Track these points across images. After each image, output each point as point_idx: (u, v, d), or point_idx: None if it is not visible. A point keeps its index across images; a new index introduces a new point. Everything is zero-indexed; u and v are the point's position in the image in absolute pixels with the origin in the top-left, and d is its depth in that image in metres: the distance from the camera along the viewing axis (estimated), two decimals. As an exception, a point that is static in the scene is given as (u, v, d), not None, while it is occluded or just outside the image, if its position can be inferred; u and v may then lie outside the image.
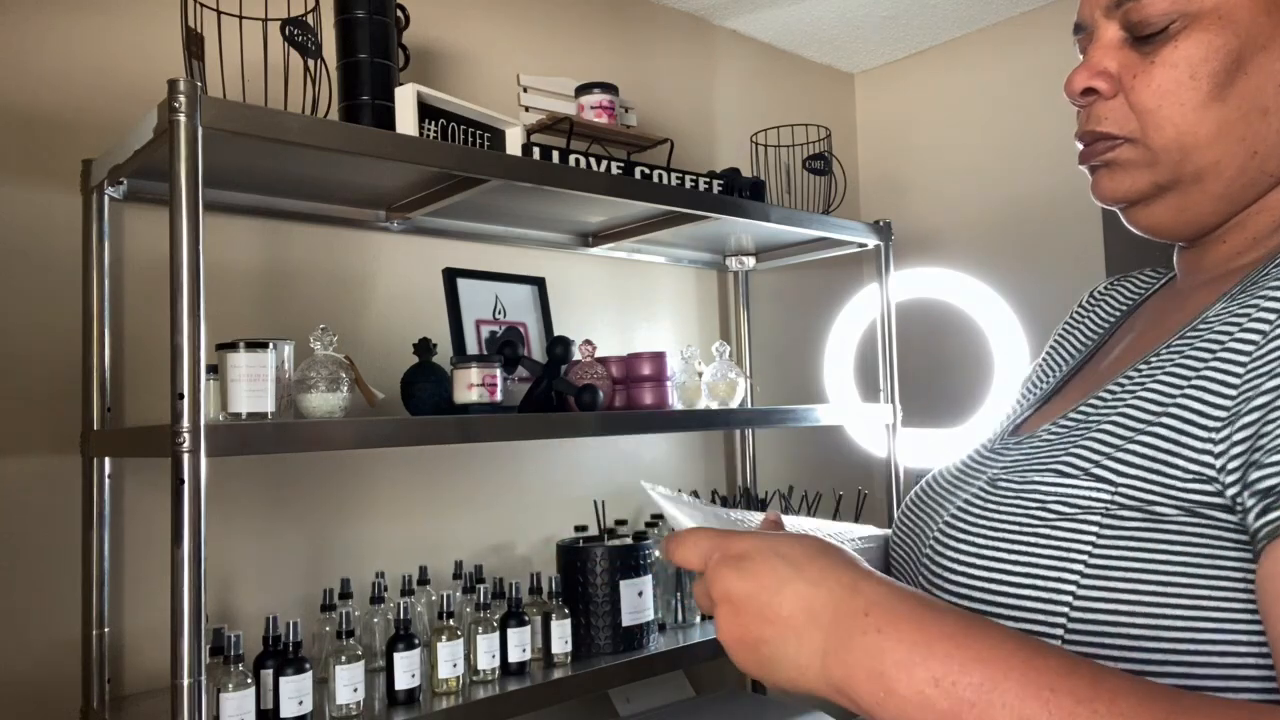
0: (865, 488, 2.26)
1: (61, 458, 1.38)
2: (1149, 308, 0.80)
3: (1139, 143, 0.66)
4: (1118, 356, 0.74)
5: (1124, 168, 0.68)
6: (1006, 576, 0.61)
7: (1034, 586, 0.60)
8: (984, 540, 0.64)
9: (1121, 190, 0.68)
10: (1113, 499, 0.58)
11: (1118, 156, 0.67)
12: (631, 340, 2.08)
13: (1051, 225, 2.26)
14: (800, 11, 2.29)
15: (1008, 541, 0.62)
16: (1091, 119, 0.69)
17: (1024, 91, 2.34)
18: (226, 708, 1.17)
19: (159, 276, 1.44)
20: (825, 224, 1.93)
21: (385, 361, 1.64)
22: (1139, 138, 0.66)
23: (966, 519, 0.66)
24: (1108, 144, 0.68)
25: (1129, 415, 0.60)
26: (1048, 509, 0.61)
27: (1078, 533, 0.59)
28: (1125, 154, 0.67)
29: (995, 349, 2.13)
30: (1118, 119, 0.67)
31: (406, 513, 1.70)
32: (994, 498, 0.65)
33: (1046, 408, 0.79)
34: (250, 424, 1.18)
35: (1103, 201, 0.71)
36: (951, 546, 0.65)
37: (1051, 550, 0.60)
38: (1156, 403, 0.59)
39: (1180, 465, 0.56)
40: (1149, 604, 0.56)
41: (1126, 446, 0.59)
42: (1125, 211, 0.71)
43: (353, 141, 1.26)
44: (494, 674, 1.43)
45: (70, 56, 1.42)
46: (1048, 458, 0.64)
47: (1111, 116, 0.67)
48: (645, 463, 2.08)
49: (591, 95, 1.76)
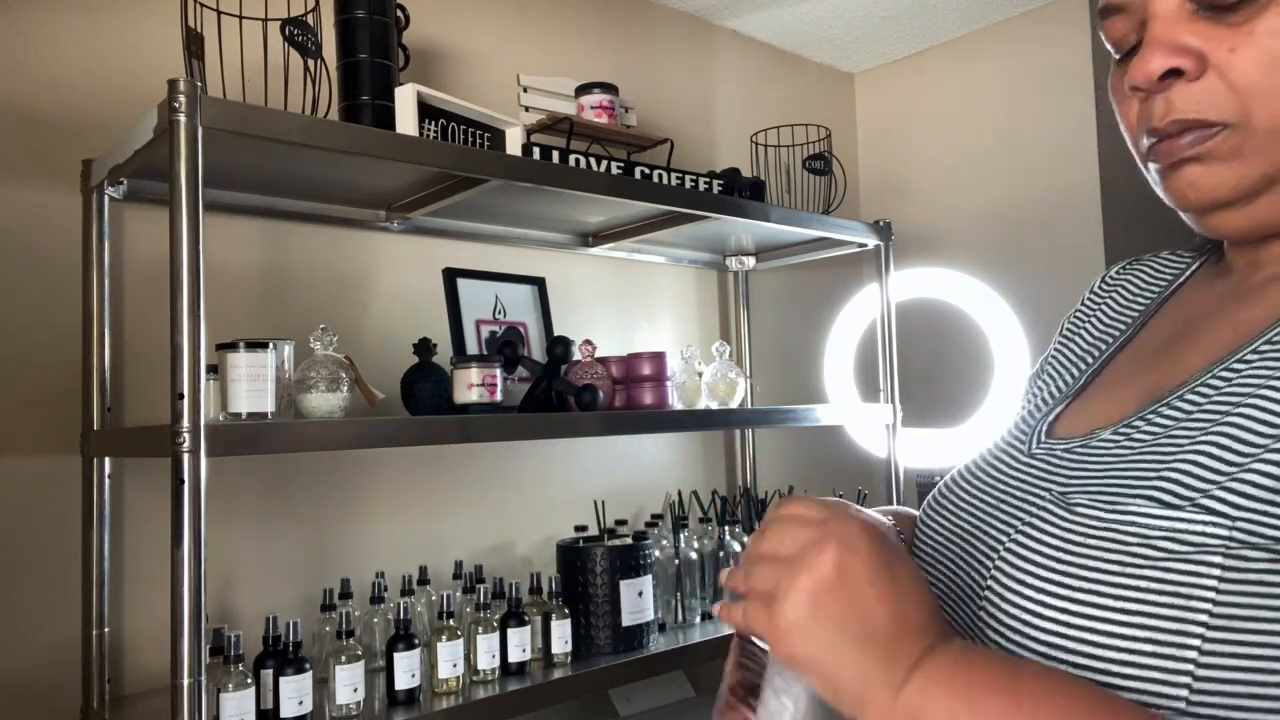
0: (865, 488, 2.26)
1: (61, 458, 1.38)
2: (1195, 298, 0.69)
3: (1241, 127, 0.55)
4: (1173, 351, 0.64)
5: (1225, 160, 0.56)
6: (1111, 629, 0.51)
7: (1150, 640, 0.50)
8: (1073, 583, 0.53)
9: (1226, 188, 0.57)
10: (1230, 535, 0.49)
11: (1216, 147, 0.56)
12: (631, 340, 2.08)
13: (1051, 225, 2.26)
14: (800, 11, 2.29)
15: (1108, 585, 0.52)
16: (1174, 106, 0.57)
17: (1024, 91, 2.34)
18: (226, 708, 1.17)
19: (159, 276, 1.44)
20: (825, 224, 1.93)
21: (385, 361, 1.64)
22: (1241, 121, 0.55)
23: (1043, 552, 0.55)
24: (1202, 133, 0.57)
25: (1238, 432, 0.51)
26: (1154, 545, 0.51)
27: (1196, 575, 0.50)
28: (1227, 143, 0.56)
29: (995, 349, 2.13)
30: (1213, 102, 0.56)
31: (406, 513, 1.70)
32: (1077, 527, 0.54)
33: (1081, 402, 0.69)
34: (250, 424, 1.18)
35: (1196, 205, 0.59)
36: (1026, 584, 0.55)
37: (1167, 599, 0.50)
38: (1273, 417, 0.51)
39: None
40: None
41: (1242, 474, 0.50)
42: (1212, 215, 0.60)
43: (353, 141, 1.26)
44: (494, 674, 1.43)
45: (70, 56, 1.42)
46: (1136, 479, 0.55)
47: (1204, 99, 0.56)
48: (645, 463, 2.08)
49: (591, 95, 1.76)
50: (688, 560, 1.75)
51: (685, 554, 1.75)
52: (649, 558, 1.63)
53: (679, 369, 1.81)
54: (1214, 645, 0.49)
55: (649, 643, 1.61)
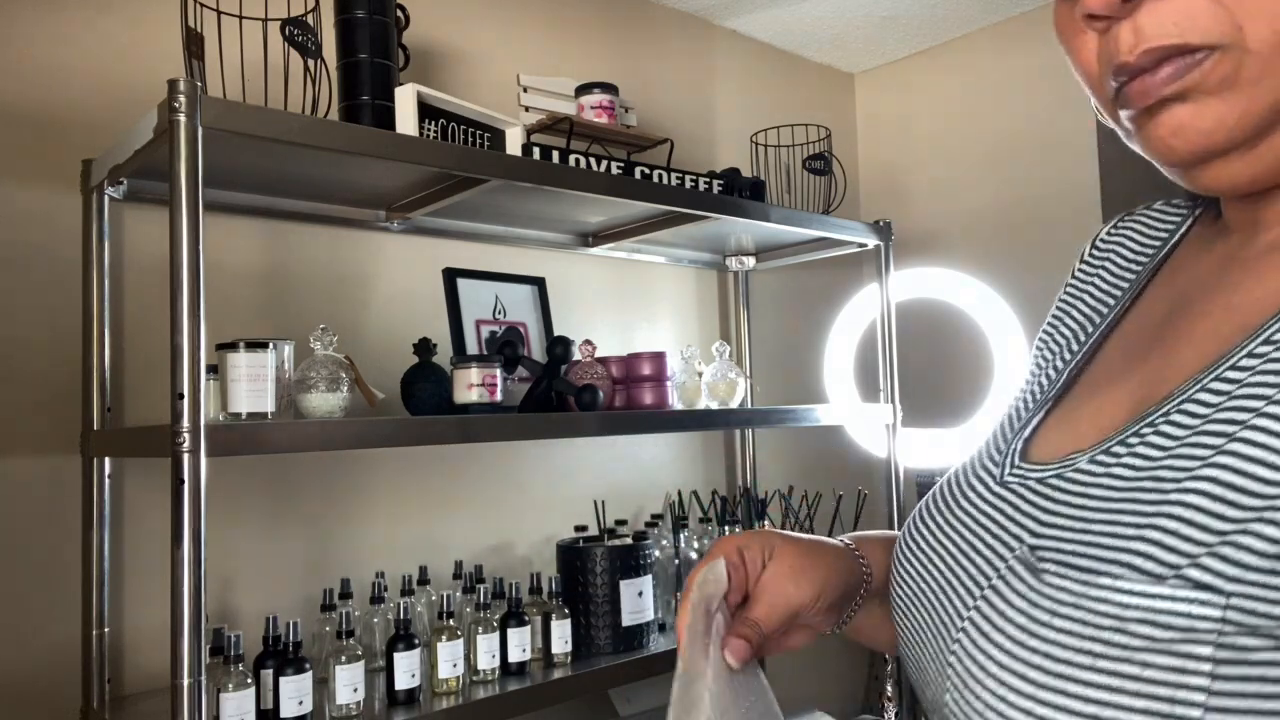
0: (865, 488, 2.26)
1: (61, 458, 1.38)
2: (1190, 266, 0.58)
3: (1233, 48, 0.43)
4: (1166, 339, 0.54)
5: (1217, 94, 0.44)
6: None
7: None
8: (1039, 676, 0.44)
9: (1224, 130, 0.45)
10: (1224, 616, 0.39)
11: (1204, 78, 0.44)
12: (631, 340, 2.08)
13: (1051, 225, 2.26)
14: (800, 11, 2.29)
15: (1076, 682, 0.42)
16: (1144, 32, 0.45)
17: (1024, 91, 2.34)
18: (226, 708, 1.17)
19: (159, 276, 1.44)
20: (825, 224, 1.93)
21: (385, 361, 1.64)
22: (1233, 41, 0.43)
23: (1007, 632, 0.46)
24: (1183, 62, 0.44)
25: (1232, 477, 0.41)
26: (1130, 631, 0.41)
27: (1182, 672, 0.40)
28: (1217, 70, 0.44)
29: (995, 349, 2.13)
30: (1194, 20, 0.43)
31: (406, 513, 1.70)
32: (1045, 602, 0.45)
33: (1065, 408, 0.59)
34: (250, 424, 1.18)
35: (1185, 156, 0.47)
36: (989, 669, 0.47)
37: (1146, 701, 0.40)
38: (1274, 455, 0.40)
39: None
40: None
41: (1238, 535, 0.39)
42: (1206, 167, 0.47)
43: (353, 141, 1.26)
44: (494, 674, 1.43)
45: (70, 56, 1.42)
46: (1112, 537, 0.44)
47: (1182, 18, 0.44)
48: (645, 463, 2.08)
49: (591, 95, 1.76)
50: (688, 560, 1.75)
51: (685, 554, 1.75)
52: (649, 558, 1.63)
53: (679, 369, 1.81)
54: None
55: (649, 643, 1.61)
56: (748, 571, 0.68)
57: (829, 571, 0.68)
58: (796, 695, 2.29)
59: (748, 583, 0.68)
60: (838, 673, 2.46)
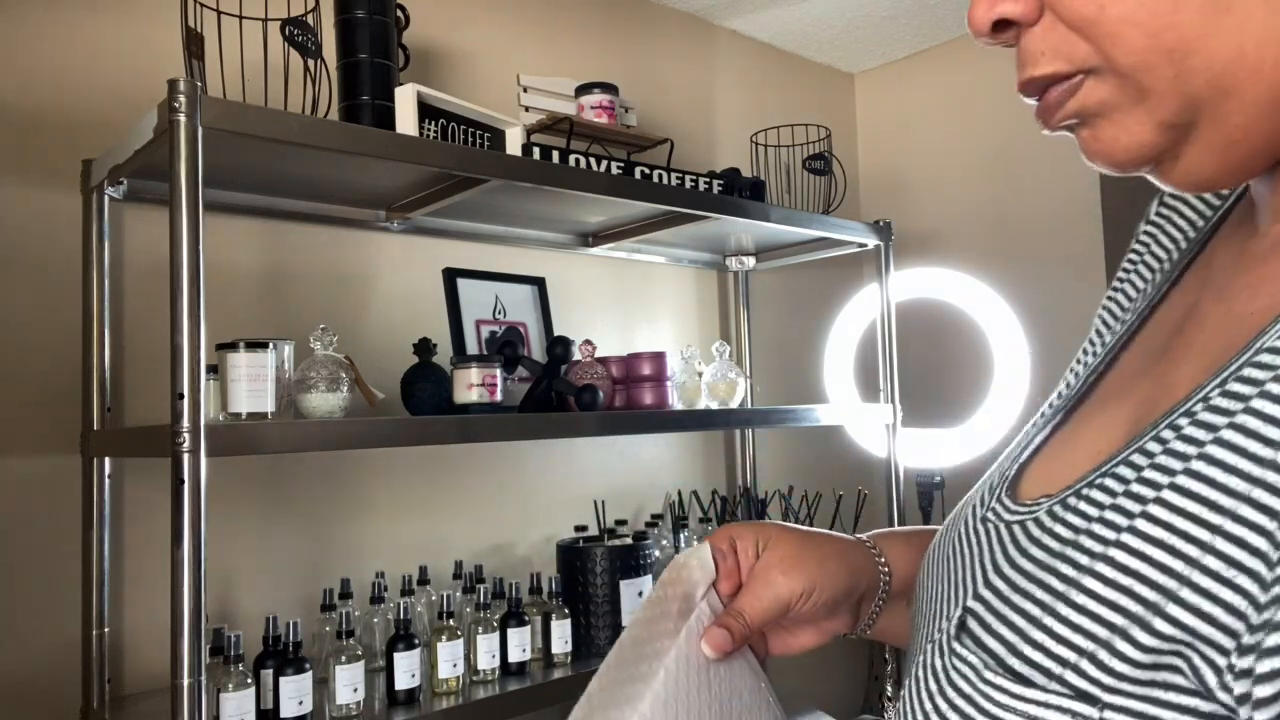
0: (865, 488, 2.26)
1: (61, 458, 1.38)
2: (1220, 246, 0.52)
3: (1104, 71, 0.43)
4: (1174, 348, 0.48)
5: (1107, 116, 0.44)
6: None
7: None
8: None
9: (1122, 149, 0.44)
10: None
11: (1087, 103, 0.44)
12: (631, 340, 2.08)
13: (1051, 225, 2.26)
14: (800, 11, 2.29)
15: None
16: (1026, 62, 0.45)
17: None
18: (226, 708, 1.17)
19: (159, 276, 1.44)
20: (825, 224, 1.93)
21: (385, 361, 1.64)
22: (1100, 64, 0.43)
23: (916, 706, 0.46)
24: (1062, 88, 0.44)
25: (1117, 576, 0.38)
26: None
27: None
28: (1095, 94, 0.44)
29: (995, 349, 2.13)
30: (1059, 48, 0.44)
31: (406, 513, 1.70)
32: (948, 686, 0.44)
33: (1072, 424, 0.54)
34: (250, 424, 1.18)
35: (1124, 169, 0.45)
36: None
37: None
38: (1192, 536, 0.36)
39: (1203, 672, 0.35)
40: None
41: (1115, 640, 0.37)
42: (1155, 173, 0.45)
43: (353, 141, 1.26)
44: (494, 674, 1.43)
45: (70, 56, 1.42)
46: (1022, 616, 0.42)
47: (1049, 46, 0.44)
48: (645, 463, 2.08)
49: (591, 95, 1.76)
50: (688, 560, 1.75)
51: (685, 554, 1.75)
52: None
53: (679, 369, 1.81)
54: None
55: (649, 643, 1.60)
56: (739, 561, 0.65)
57: (826, 565, 0.64)
58: (797, 695, 2.29)
59: (739, 573, 0.65)
60: (838, 673, 2.46)
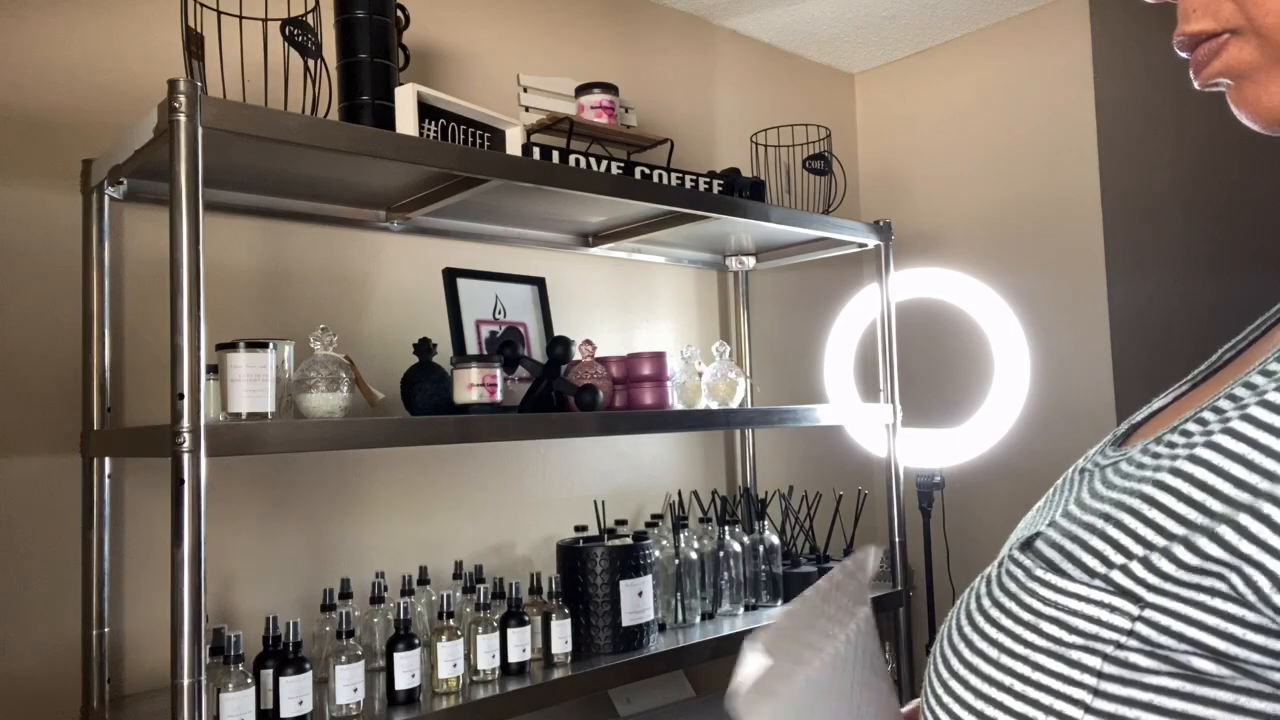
0: (865, 488, 2.26)
1: (61, 458, 1.38)
2: None
3: (1247, 32, 0.45)
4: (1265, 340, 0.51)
5: (1249, 76, 0.46)
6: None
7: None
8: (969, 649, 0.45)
9: (1264, 109, 0.46)
10: (1131, 630, 0.39)
11: (1230, 62, 0.46)
12: (631, 340, 2.08)
13: (1051, 225, 2.26)
14: (800, 11, 2.29)
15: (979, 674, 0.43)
16: (1181, 18, 0.48)
17: (1024, 91, 2.34)
18: (226, 708, 1.17)
19: (159, 276, 1.44)
20: (825, 224, 1.93)
21: (385, 361, 1.64)
22: (1243, 25, 0.45)
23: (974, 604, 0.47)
24: (1209, 45, 0.47)
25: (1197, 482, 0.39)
26: (1040, 629, 0.41)
27: (1067, 681, 0.40)
28: (1238, 54, 0.46)
29: (995, 349, 2.13)
30: (1208, 6, 0.46)
31: (406, 513, 1.70)
32: (1009, 583, 0.45)
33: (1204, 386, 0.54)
34: (250, 424, 1.18)
35: (1258, 127, 0.48)
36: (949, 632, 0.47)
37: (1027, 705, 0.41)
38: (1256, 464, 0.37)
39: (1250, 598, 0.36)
40: None
41: (1172, 546, 0.39)
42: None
43: (353, 141, 1.26)
44: (494, 674, 1.43)
45: (70, 56, 1.42)
46: (1088, 530, 0.43)
47: (1200, 6, 0.47)
48: (645, 463, 2.08)
49: (591, 95, 1.76)
50: (688, 560, 1.75)
51: (685, 554, 1.75)
52: (649, 558, 1.63)
53: (679, 369, 1.81)
54: None
55: (649, 643, 1.61)
56: None
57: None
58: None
59: None
60: (838, 673, 2.46)
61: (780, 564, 1.91)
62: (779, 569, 1.90)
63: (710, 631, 1.70)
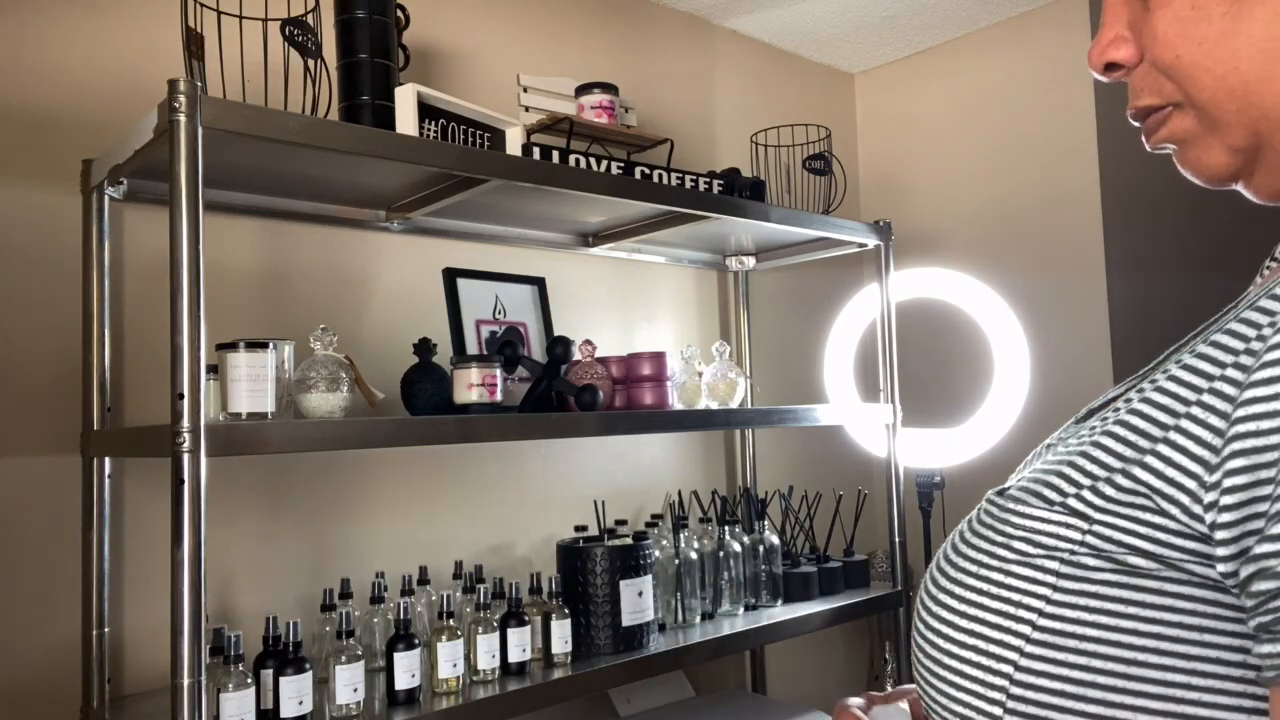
0: (865, 488, 2.26)
1: (61, 458, 1.38)
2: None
3: (1186, 105, 0.53)
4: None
5: (1190, 141, 0.54)
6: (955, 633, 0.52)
7: (975, 649, 0.51)
8: (953, 568, 0.55)
9: (1205, 169, 0.54)
10: (1082, 540, 0.49)
11: (1174, 130, 0.54)
12: (631, 340, 2.08)
13: (1051, 225, 2.26)
14: (800, 11, 2.29)
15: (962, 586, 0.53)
16: (1131, 95, 0.56)
17: (1024, 91, 2.34)
18: (226, 708, 1.17)
19: (159, 276, 1.44)
20: (825, 224, 1.93)
21: (385, 361, 1.64)
22: (1183, 99, 0.53)
23: (957, 533, 0.57)
24: (1156, 118, 0.55)
25: (1128, 430, 0.49)
26: (1012, 546, 0.51)
27: (1031, 582, 0.49)
28: (1180, 124, 0.54)
29: (995, 349, 2.13)
30: (1153, 86, 0.54)
31: (406, 513, 1.70)
32: (985, 517, 0.55)
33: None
34: (250, 424, 1.18)
35: (1208, 182, 0.56)
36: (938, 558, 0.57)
37: (1000, 604, 0.50)
38: (1159, 420, 0.48)
39: (1170, 510, 0.46)
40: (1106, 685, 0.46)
41: (1113, 476, 0.49)
42: (1242, 188, 0.56)
43: (353, 141, 1.26)
44: (494, 674, 1.43)
45: (70, 56, 1.42)
46: (1051, 471, 0.53)
47: (1145, 85, 0.54)
48: (645, 463, 2.08)
49: (591, 95, 1.76)
50: (688, 560, 1.75)
51: (685, 554, 1.75)
52: (649, 558, 1.63)
53: (679, 369, 1.81)
54: (1031, 661, 0.48)
55: (649, 643, 1.61)
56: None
57: None
58: (796, 695, 2.29)
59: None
60: (838, 672, 2.46)
61: (780, 564, 1.91)
62: (779, 569, 1.90)
63: (710, 631, 1.70)
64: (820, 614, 1.84)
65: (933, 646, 0.54)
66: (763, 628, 1.74)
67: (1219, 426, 0.44)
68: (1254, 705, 0.44)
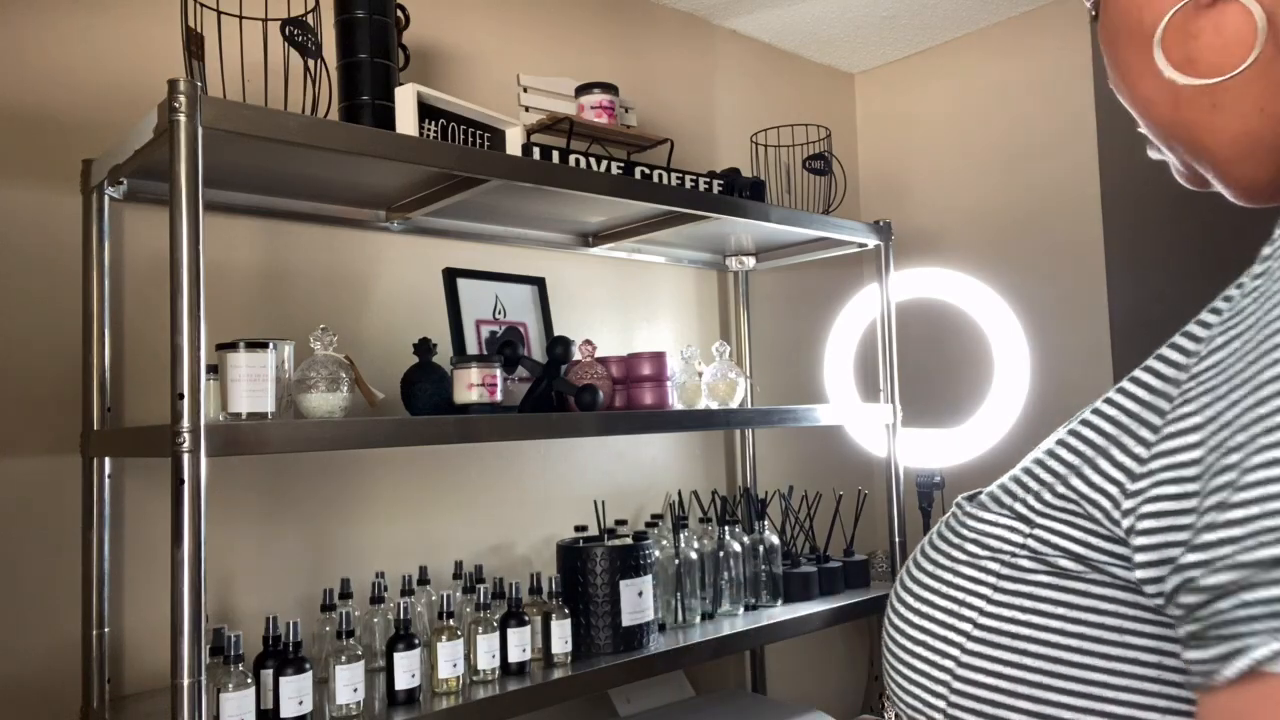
0: (865, 488, 2.26)
1: (61, 458, 1.38)
2: None
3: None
4: None
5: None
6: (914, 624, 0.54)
7: (923, 645, 0.53)
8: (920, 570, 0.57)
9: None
10: (1023, 544, 0.51)
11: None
12: (631, 340, 2.08)
13: (1051, 225, 2.26)
14: (800, 11, 2.29)
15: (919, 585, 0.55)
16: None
17: (1024, 91, 2.34)
18: (226, 708, 1.17)
19: (159, 276, 1.44)
20: (825, 224, 1.93)
21: (385, 361, 1.64)
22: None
23: (929, 540, 0.59)
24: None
25: (1076, 439, 0.51)
26: (964, 548, 0.54)
27: (974, 582, 0.52)
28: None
29: (995, 349, 2.13)
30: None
31: (406, 513, 1.70)
32: (952, 521, 0.58)
33: None
34: (250, 424, 1.18)
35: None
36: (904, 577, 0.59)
37: (946, 602, 0.53)
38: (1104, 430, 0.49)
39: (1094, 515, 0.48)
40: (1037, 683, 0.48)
41: (1054, 484, 0.50)
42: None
43: (353, 141, 1.26)
44: (494, 674, 1.43)
45: (70, 56, 1.42)
46: (1013, 475, 0.56)
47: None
48: (645, 463, 2.08)
49: (591, 95, 1.76)
50: (688, 560, 1.75)
51: (685, 554, 1.75)
52: (649, 558, 1.63)
53: (679, 369, 1.81)
54: (970, 658, 0.50)
55: (649, 643, 1.61)
56: None
57: None
58: (796, 695, 2.29)
59: None
60: (838, 673, 2.46)
61: (780, 564, 1.91)
62: (779, 569, 1.90)
63: (710, 631, 1.70)
64: (820, 614, 1.84)
65: (894, 643, 0.57)
66: (763, 628, 1.75)
67: (1148, 439, 0.46)
68: (1168, 705, 0.46)
